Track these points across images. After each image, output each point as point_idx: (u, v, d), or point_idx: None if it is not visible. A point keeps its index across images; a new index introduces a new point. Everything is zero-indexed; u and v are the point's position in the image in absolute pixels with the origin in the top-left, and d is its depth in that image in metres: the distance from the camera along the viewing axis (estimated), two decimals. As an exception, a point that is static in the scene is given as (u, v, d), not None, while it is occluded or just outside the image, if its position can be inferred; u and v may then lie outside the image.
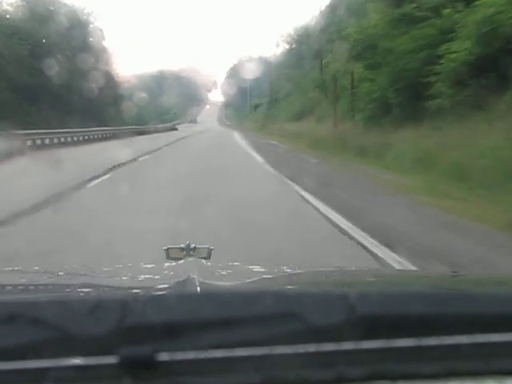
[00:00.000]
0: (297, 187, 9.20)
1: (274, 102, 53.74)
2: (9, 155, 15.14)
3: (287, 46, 59.96)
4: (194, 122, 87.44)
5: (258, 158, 16.77)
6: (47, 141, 22.64)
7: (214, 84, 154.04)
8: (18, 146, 17.44)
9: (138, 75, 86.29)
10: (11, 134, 18.10)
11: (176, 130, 57.58)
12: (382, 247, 5.16)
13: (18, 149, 16.87)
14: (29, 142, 20.24)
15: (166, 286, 0.97)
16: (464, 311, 0.80)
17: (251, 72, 79.73)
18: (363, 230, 5.72)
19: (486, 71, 10.60)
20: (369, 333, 0.74)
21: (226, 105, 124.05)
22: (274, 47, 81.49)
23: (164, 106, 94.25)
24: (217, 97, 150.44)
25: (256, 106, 79.62)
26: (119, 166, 13.07)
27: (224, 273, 1.34)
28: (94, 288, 1.13)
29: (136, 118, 54.32)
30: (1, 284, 1.18)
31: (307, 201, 7.96)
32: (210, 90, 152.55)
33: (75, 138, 25.90)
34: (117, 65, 48.28)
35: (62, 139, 24.19)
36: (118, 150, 17.11)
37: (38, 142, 21.65)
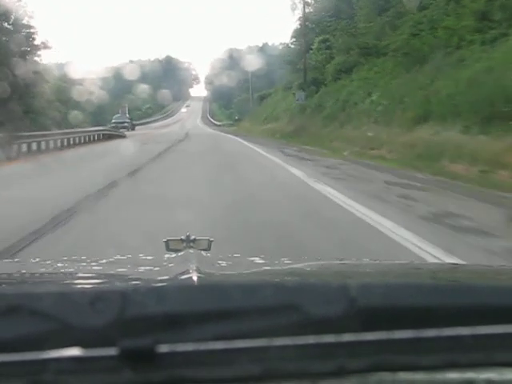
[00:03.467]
0: None
1: (316, 84, 32.43)
2: None
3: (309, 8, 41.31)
4: (128, 127, 48.09)
5: None
6: None
7: (196, 78, 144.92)
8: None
9: (110, 67, 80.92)
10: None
11: (123, 137, 36.56)
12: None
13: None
14: None
15: (165, 277, 0.96)
16: (464, 303, 0.82)
17: (249, 60, 70.47)
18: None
19: None
20: (369, 324, 0.75)
21: (211, 100, 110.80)
22: (289, 12, 67.66)
23: (137, 100, 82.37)
24: (198, 92, 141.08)
25: (261, 98, 59.44)
26: None
27: (224, 264, 1.29)
28: (93, 279, 1.11)
29: (97, 115, 47.39)
30: (0, 275, 1.17)
31: None
32: (191, 85, 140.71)
33: None
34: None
35: None
36: None
37: None
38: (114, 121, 47.86)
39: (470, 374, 0.74)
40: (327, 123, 24.74)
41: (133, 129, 48.73)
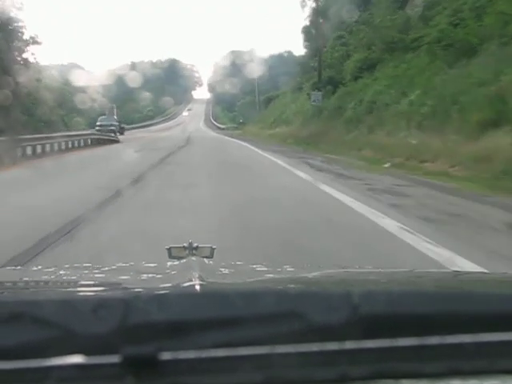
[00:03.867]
0: None
1: (333, 84, 20.85)
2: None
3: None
4: (115, 130, 39.71)
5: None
6: None
7: (199, 80, 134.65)
8: None
9: (111, 70, 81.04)
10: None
11: (116, 141, 32.33)
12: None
13: None
14: None
15: (168, 284, 0.96)
16: (467, 310, 0.81)
17: (253, 63, 71.05)
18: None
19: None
20: (371, 332, 0.76)
21: (213, 102, 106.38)
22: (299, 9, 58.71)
23: (138, 103, 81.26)
24: (201, 94, 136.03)
25: (268, 101, 55.70)
26: None
27: (226, 272, 1.28)
28: (96, 287, 1.11)
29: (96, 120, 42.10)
30: (2, 283, 1.15)
31: None
32: (194, 88, 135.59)
33: None
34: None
35: None
36: None
37: None
38: (99, 123, 40.45)
39: (472, 382, 0.74)
40: (350, 128, 21.50)
41: (121, 133, 41.92)
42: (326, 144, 21.83)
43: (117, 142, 32.19)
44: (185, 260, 1.42)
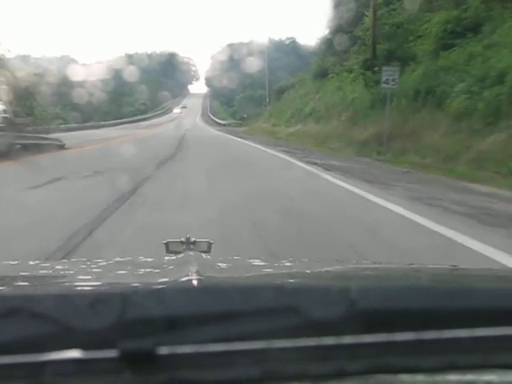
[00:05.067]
0: None
1: (400, 60, 8.77)
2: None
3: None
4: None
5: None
6: None
7: (196, 74, 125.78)
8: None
9: (105, 63, 74.29)
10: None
11: (61, 146, 19.67)
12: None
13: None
14: None
15: (165, 279, 0.95)
16: (463, 305, 0.81)
17: (254, 53, 63.21)
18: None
19: None
20: (369, 327, 0.76)
21: (211, 96, 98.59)
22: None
23: (133, 96, 73.24)
24: (198, 88, 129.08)
25: (280, 92, 45.02)
26: None
27: (224, 266, 1.24)
28: (93, 281, 1.09)
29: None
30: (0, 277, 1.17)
31: None
32: (190, 82, 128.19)
33: None
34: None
35: None
36: None
37: None
38: None
39: (469, 376, 0.74)
40: (473, 125, 11.68)
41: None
42: (423, 154, 12.33)
43: (61, 147, 20.08)
44: (182, 254, 1.39)
